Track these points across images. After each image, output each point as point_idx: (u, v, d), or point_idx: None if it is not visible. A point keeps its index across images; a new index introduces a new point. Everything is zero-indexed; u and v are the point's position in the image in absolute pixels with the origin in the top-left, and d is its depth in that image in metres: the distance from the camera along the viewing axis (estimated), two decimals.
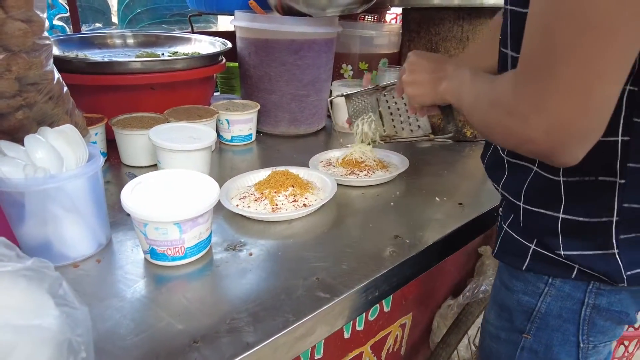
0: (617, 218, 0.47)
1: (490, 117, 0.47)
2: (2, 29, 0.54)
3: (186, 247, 0.59)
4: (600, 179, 0.47)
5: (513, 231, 0.58)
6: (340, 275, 0.61)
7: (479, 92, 0.52)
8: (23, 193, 0.56)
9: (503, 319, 0.61)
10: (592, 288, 0.52)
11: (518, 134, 0.43)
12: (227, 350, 0.48)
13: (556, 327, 0.55)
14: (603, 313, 0.53)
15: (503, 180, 0.58)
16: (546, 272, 0.54)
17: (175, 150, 0.80)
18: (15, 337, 0.33)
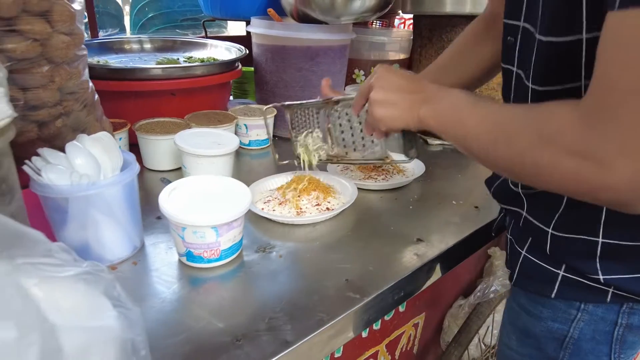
0: None
1: (535, 157, 0.41)
2: (49, 42, 0.56)
3: (221, 250, 0.62)
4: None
5: (534, 257, 0.56)
6: (367, 276, 0.63)
7: (499, 121, 0.46)
8: (67, 199, 0.58)
9: (529, 346, 0.59)
10: (626, 309, 0.52)
11: (588, 181, 0.37)
12: (268, 347, 0.50)
13: (589, 351, 0.55)
14: (635, 330, 0.53)
15: (527, 206, 0.56)
16: (578, 298, 0.53)
17: (202, 155, 0.82)
18: (88, 338, 0.36)
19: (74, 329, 0.36)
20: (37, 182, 0.57)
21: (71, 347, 0.33)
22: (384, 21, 1.61)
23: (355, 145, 0.82)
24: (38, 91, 0.58)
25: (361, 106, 0.70)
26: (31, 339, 0.24)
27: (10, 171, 0.49)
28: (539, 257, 0.56)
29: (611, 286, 0.50)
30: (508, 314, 0.65)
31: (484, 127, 0.47)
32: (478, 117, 0.48)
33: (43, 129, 0.64)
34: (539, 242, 0.55)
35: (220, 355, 0.49)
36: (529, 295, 0.58)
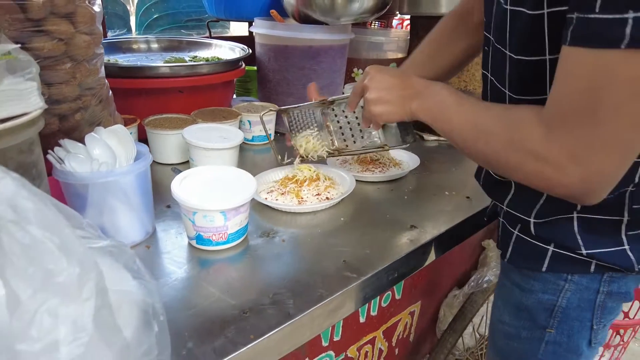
0: (628, 218, 0.53)
1: (508, 156, 0.48)
2: (72, 41, 0.61)
3: (229, 233, 0.67)
4: (615, 193, 0.51)
5: (526, 236, 0.61)
6: (364, 258, 0.68)
7: (479, 122, 0.52)
8: (87, 185, 0.63)
9: (522, 318, 0.65)
10: (606, 277, 0.57)
11: (548, 179, 0.45)
12: (273, 319, 0.55)
13: (575, 317, 0.60)
14: (613, 296, 0.59)
15: (509, 199, 0.61)
16: (566, 271, 0.58)
17: (209, 148, 0.87)
18: (118, 298, 0.41)
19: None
20: (60, 170, 0.62)
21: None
22: (382, 22, 1.67)
23: (355, 138, 0.88)
24: (61, 87, 0.63)
25: (356, 104, 0.76)
26: (90, 276, 0.29)
27: (40, 158, 0.54)
28: (529, 236, 0.61)
29: (595, 259, 0.56)
30: (500, 292, 0.70)
31: (467, 126, 0.54)
32: (462, 117, 0.55)
33: (63, 121, 0.69)
34: (526, 226, 0.60)
35: (229, 326, 0.54)
36: (521, 272, 0.64)
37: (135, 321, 0.42)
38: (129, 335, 0.40)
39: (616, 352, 1.54)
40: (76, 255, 0.29)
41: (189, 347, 0.51)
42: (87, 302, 0.28)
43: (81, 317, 0.28)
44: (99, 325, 0.29)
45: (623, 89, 0.38)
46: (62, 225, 0.31)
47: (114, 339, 0.30)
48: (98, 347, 0.28)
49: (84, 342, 0.27)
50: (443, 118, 0.58)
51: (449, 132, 0.57)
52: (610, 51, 0.38)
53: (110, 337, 0.30)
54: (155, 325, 0.45)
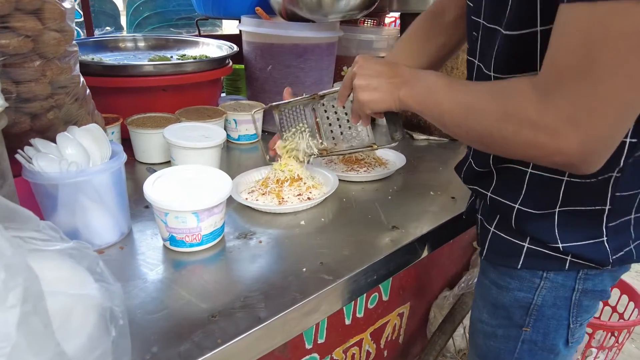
0: (609, 207, 0.52)
1: (501, 129, 0.46)
2: (40, 38, 0.60)
3: (203, 235, 0.66)
4: (600, 178, 0.51)
5: (502, 232, 0.61)
6: (342, 260, 0.67)
7: (470, 101, 0.51)
8: (57, 185, 0.62)
9: (499, 316, 0.64)
10: (581, 275, 0.57)
11: (544, 147, 0.43)
12: (242, 323, 0.54)
13: (551, 316, 0.60)
14: (589, 294, 0.58)
15: (493, 186, 0.61)
16: (541, 268, 0.58)
17: (189, 147, 0.86)
18: (71, 302, 0.39)
19: (56, 294, 0.39)
20: (29, 170, 0.60)
21: (53, 309, 0.36)
22: (375, 20, 1.65)
23: (344, 136, 0.87)
24: (30, 84, 0.62)
25: (346, 97, 0.75)
26: (17, 281, 0.28)
27: (2, 157, 0.53)
28: (506, 232, 0.60)
29: (569, 254, 0.55)
30: (479, 290, 0.69)
31: (457, 106, 0.52)
32: (451, 98, 0.54)
33: (35, 120, 0.67)
34: (506, 218, 0.59)
35: (196, 330, 0.53)
36: (498, 269, 0.63)
37: (89, 326, 0.40)
38: (80, 341, 0.39)
39: (611, 353, 1.52)
40: (2, 259, 0.28)
41: (154, 351, 0.50)
42: (11, 310, 0.27)
43: (4, 325, 0.26)
44: (26, 333, 0.27)
45: (620, 43, 0.36)
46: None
47: (44, 347, 0.29)
48: (24, 356, 0.27)
49: (6, 352, 0.26)
50: (432, 102, 0.57)
51: (439, 116, 0.56)
52: (605, 3, 0.36)
53: (39, 345, 0.29)
54: (113, 330, 0.44)
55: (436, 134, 1.24)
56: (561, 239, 0.55)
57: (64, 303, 0.39)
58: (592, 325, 1.45)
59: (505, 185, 0.59)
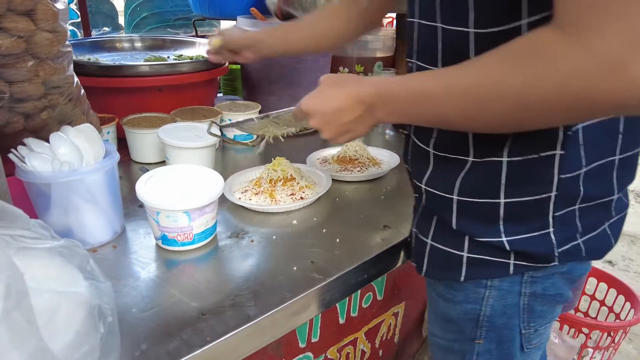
0: (555, 193, 0.49)
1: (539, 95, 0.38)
2: (32, 39, 0.61)
3: (194, 234, 0.66)
4: (542, 155, 0.48)
5: (439, 243, 0.58)
6: (332, 259, 0.67)
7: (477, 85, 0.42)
8: (50, 185, 0.62)
9: (451, 330, 0.62)
10: (527, 278, 0.54)
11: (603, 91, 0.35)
12: (231, 321, 0.54)
13: (503, 325, 0.57)
14: (539, 299, 0.56)
15: (427, 176, 0.57)
16: (484, 276, 0.55)
17: (183, 147, 0.87)
18: (58, 299, 0.40)
19: (44, 291, 0.40)
20: (21, 169, 0.61)
21: (41, 306, 0.37)
22: None
23: None
24: (23, 85, 0.63)
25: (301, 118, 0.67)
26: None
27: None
28: (443, 243, 0.57)
29: (512, 252, 0.52)
30: (430, 303, 0.67)
31: (458, 96, 0.44)
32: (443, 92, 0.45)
33: (29, 120, 0.68)
34: (444, 219, 0.56)
35: (186, 328, 0.53)
36: (444, 282, 0.60)
37: (77, 323, 0.41)
38: (68, 338, 0.39)
39: (607, 353, 1.52)
40: None
41: (143, 348, 0.50)
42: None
43: None
44: (8, 328, 0.28)
45: None
46: None
47: (26, 341, 0.30)
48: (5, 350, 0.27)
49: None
50: (421, 110, 0.48)
51: (439, 117, 0.47)
52: None
53: (21, 339, 0.29)
54: (102, 327, 0.44)
55: None
56: (505, 232, 0.52)
57: (51, 300, 0.39)
58: (588, 325, 1.45)
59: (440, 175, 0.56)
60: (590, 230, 0.54)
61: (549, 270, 0.54)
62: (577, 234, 0.53)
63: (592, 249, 0.54)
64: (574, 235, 0.53)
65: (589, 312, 1.71)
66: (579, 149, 0.49)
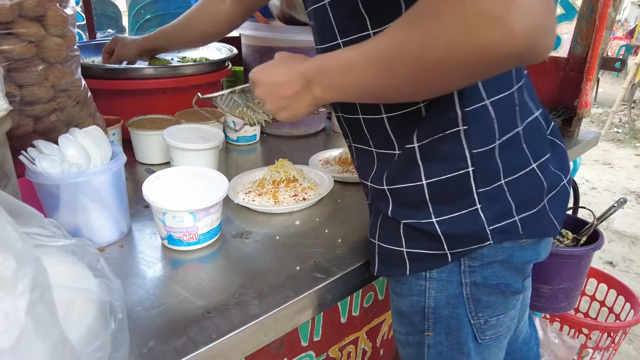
0: (472, 168, 0.51)
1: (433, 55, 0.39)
2: (42, 44, 0.62)
3: (199, 234, 0.68)
4: (447, 132, 0.50)
5: (384, 242, 0.60)
6: (334, 259, 0.69)
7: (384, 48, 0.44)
8: (59, 186, 0.64)
9: (404, 324, 0.64)
10: (464, 268, 0.55)
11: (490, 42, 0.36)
12: (236, 319, 0.56)
13: (449, 316, 0.58)
14: (482, 288, 0.56)
15: (372, 175, 0.60)
16: (423, 268, 0.57)
17: (187, 149, 0.88)
18: (73, 295, 0.42)
19: (59, 287, 0.41)
20: (31, 170, 0.63)
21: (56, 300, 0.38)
22: None
23: None
24: (33, 88, 0.64)
25: None
26: (26, 271, 0.30)
27: (6, 159, 0.55)
28: (386, 241, 0.60)
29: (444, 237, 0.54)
30: (390, 300, 0.69)
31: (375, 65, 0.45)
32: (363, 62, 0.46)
33: (38, 123, 0.70)
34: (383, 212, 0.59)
35: (192, 326, 0.55)
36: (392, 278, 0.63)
37: (90, 318, 0.42)
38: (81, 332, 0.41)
39: (607, 353, 1.53)
40: (14, 250, 0.30)
41: (150, 345, 0.52)
42: (21, 296, 0.29)
43: (14, 311, 0.28)
44: (34, 319, 0.29)
45: None
46: (2, 222, 0.32)
47: (49, 333, 0.31)
48: (30, 340, 0.29)
49: (15, 334, 0.28)
50: (350, 81, 0.49)
51: (365, 90, 0.49)
52: None
53: (45, 331, 0.31)
54: (113, 323, 0.46)
55: None
56: (434, 213, 0.53)
57: (66, 296, 0.41)
58: (588, 326, 1.46)
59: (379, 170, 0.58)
60: (526, 208, 0.54)
61: (485, 258, 0.55)
62: (511, 211, 0.53)
63: (531, 227, 0.54)
64: (508, 212, 0.53)
65: (589, 312, 1.72)
66: (488, 124, 0.51)
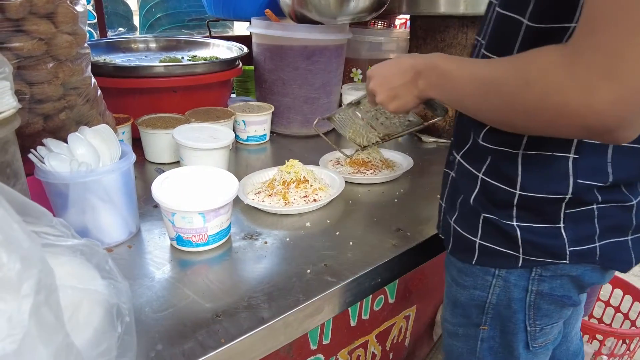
0: (571, 196, 0.50)
1: (524, 100, 0.42)
2: (53, 41, 0.61)
3: (209, 235, 0.67)
4: (556, 154, 0.50)
5: (459, 227, 0.60)
6: (346, 262, 0.67)
7: (485, 76, 0.47)
8: (68, 185, 0.63)
9: (458, 315, 0.64)
10: (535, 275, 0.55)
11: (575, 109, 0.38)
12: (245, 323, 0.55)
13: (507, 317, 0.59)
14: (546, 298, 0.56)
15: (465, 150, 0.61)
16: (493, 265, 0.57)
17: (197, 148, 0.87)
18: (80, 296, 0.41)
19: (66, 288, 0.41)
20: (40, 169, 0.62)
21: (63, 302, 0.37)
22: (384, 21, 1.65)
23: (394, 121, 0.91)
24: (43, 86, 0.64)
25: (373, 102, 0.74)
26: (31, 272, 0.29)
27: (15, 157, 0.54)
28: (462, 227, 0.60)
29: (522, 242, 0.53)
30: (445, 288, 0.69)
31: (474, 84, 0.49)
32: (467, 78, 0.50)
33: (48, 121, 0.69)
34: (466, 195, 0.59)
35: (201, 329, 0.53)
36: (457, 266, 0.63)
37: (96, 321, 0.41)
38: (87, 335, 0.40)
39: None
40: (19, 251, 0.29)
41: (158, 349, 0.51)
42: (25, 299, 0.28)
43: (17, 313, 0.27)
44: (38, 323, 0.28)
45: None
46: (9, 220, 0.31)
47: (53, 337, 0.30)
48: (34, 344, 0.28)
49: (18, 338, 0.27)
50: (450, 88, 0.54)
51: (460, 101, 0.53)
52: None
53: (49, 335, 0.30)
54: (119, 326, 0.45)
55: (445, 137, 1.23)
56: (517, 217, 0.54)
57: (72, 297, 0.40)
58: (603, 332, 1.42)
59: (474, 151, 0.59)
60: (610, 236, 0.53)
61: (559, 270, 0.54)
62: (595, 236, 0.53)
63: (608, 257, 0.53)
64: (591, 237, 0.53)
65: (603, 318, 1.68)
66: (602, 165, 0.50)
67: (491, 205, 0.56)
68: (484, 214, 0.57)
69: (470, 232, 0.58)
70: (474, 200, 0.58)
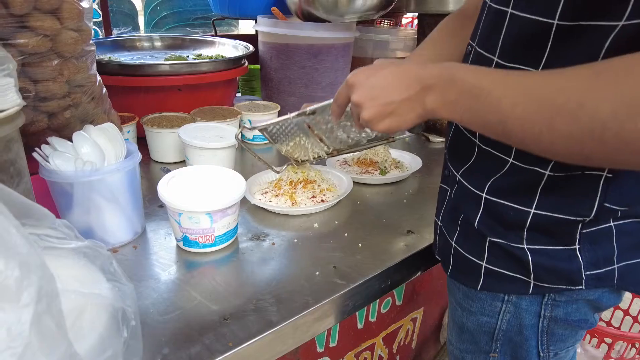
0: (592, 217, 0.46)
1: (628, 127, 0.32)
2: (58, 38, 0.60)
3: (216, 236, 0.65)
4: (587, 172, 0.45)
5: (461, 248, 0.56)
6: (355, 264, 0.66)
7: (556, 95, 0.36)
8: (72, 184, 0.62)
9: (466, 341, 0.60)
10: (548, 300, 0.51)
11: None
12: (254, 326, 0.53)
13: (519, 344, 0.55)
14: (561, 323, 0.52)
15: (465, 168, 0.54)
16: (502, 290, 0.53)
17: (203, 147, 0.86)
18: (83, 301, 0.39)
19: (70, 292, 0.39)
20: (45, 168, 0.61)
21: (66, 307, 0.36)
22: (392, 20, 1.63)
23: (351, 138, 0.79)
24: (48, 83, 0.62)
25: (341, 114, 0.61)
26: (31, 280, 0.28)
27: (19, 156, 0.53)
28: (464, 249, 0.56)
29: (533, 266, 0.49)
30: (449, 309, 0.65)
31: (530, 105, 0.37)
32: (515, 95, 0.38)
33: (53, 119, 0.68)
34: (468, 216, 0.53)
35: (208, 333, 0.52)
36: (461, 290, 0.59)
37: (101, 326, 0.40)
38: (91, 341, 0.39)
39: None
40: (18, 256, 0.28)
41: (165, 353, 0.49)
42: (25, 308, 0.27)
43: (17, 324, 0.26)
44: (39, 333, 0.27)
45: None
46: (6, 224, 0.29)
47: (55, 347, 0.29)
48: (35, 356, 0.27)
49: (19, 351, 0.25)
50: (483, 109, 0.41)
51: (499, 124, 0.40)
52: None
53: (51, 345, 0.28)
54: (125, 331, 0.43)
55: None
56: (527, 239, 0.48)
57: (76, 302, 0.39)
58: (612, 335, 1.40)
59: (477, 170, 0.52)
60: (629, 256, 0.48)
61: (574, 295, 0.50)
62: (613, 258, 0.48)
63: (626, 279, 0.49)
64: (609, 259, 0.48)
65: (611, 321, 1.66)
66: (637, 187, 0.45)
67: (500, 226, 0.51)
68: (490, 238, 0.51)
69: (474, 254, 0.54)
70: (478, 223, 0.52)
